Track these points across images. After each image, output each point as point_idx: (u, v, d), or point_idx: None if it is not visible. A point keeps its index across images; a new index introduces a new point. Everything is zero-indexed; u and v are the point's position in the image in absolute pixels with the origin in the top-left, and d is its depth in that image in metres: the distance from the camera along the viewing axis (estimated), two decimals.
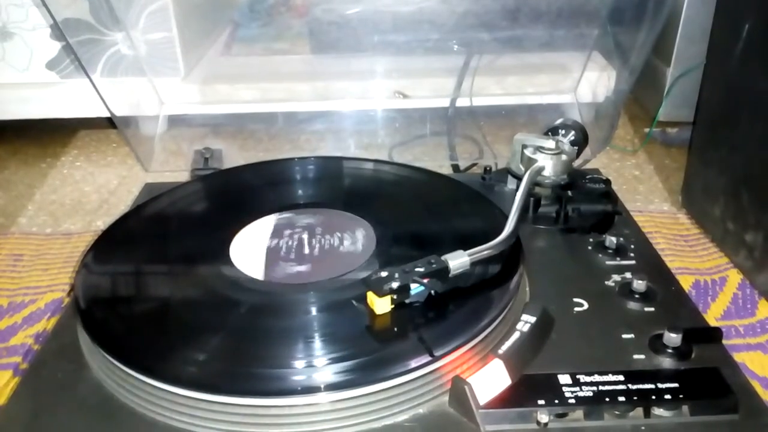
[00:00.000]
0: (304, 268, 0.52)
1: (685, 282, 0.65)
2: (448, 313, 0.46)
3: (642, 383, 0.41)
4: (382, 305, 0.45)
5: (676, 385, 0.41)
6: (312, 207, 0.61)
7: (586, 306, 0.49)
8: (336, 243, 0.55)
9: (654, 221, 0.77)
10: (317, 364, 0.42)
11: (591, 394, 0.40)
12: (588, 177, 0.63)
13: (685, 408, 0.40)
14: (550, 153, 0.62)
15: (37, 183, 0.92)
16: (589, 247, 0.56)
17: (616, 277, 0.52)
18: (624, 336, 0.46)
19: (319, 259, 0.53)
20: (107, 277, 0.52)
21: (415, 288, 0.45)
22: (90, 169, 0.95)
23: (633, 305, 0.49)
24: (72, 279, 0.66)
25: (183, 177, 0.75)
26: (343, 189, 0.68)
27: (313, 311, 0.47)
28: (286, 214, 0.60)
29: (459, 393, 0.39)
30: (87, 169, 0.95)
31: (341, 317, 0.47)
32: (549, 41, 0.85)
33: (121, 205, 0.85)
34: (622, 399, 0.40)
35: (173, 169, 0.81)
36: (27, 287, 0.68)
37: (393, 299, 0.45)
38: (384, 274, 0.45)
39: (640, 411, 0.40)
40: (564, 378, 0.41)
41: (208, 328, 0.46)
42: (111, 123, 0.96)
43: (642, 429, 0.39)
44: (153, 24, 0.85)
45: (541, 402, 0.39)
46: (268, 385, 0.41)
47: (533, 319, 0.44)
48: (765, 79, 0.63)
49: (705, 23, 0.76)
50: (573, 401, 0.40)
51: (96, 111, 0.89)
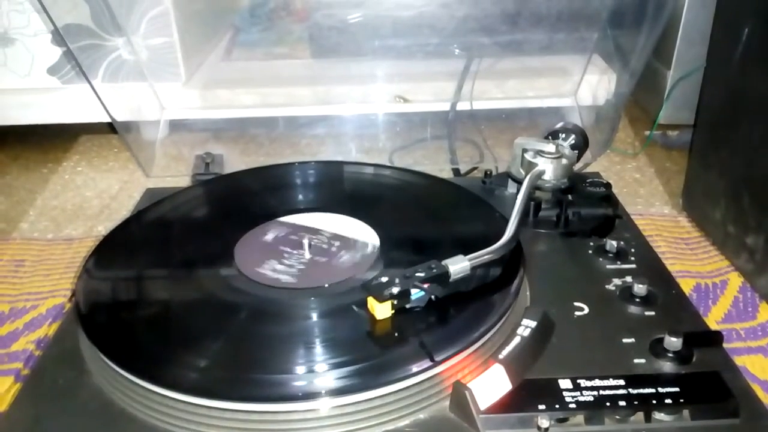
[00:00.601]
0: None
1: (686, 285, 0.65)
2: (448, 318, 0.46)
3: (643, 387, 0.41)
4: (382, 310, 0.45)
5: (676, 390, 0.41)
6: (313, 211, 0.61)
7: (586, 310, 0.49)
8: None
9: (655, 224, 0.77)
10: (318, 369, 0.42)
11: (592, 398, 0.40)
12: (588, 180, 0.63)
13: (686, 412, 0.40)
14: (550, 157, 0.62)
15: (39, 188, 0.92)
16: (590, 251, 0.56)
17: (616, 281, 0.52)
18: (625, 340, 0.45)
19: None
20: (108, 283, 0.53)
21: (416, 293, 0.46)
22: (91, 175, 0.95)
23: (634, 309, 0.49)
24: (73, 285, 0.66)
25: (184, 182, 0.75)
26: (344, 193, 0.68)
27: (314, 317, 0.47)
28: (287, 218, 0.60)
29: (459, 398, 0.39)
30: (88, 175, 0.95)
31: (342, 323, 0.47)
32: (549, 45, 0.85)
33: (123, 211, 0.85)
34: (622, 403, 0.40)
35: (174, 174, 0.81)
36: (28, 293, 0.68)
37: (393, 304, 0.45)
38: (384, 279, 0.45)
39: (641, 415, 0.40)
40: (564, 383, 0.41)
41: (208, 333, 0.46)
42: (112, 128, 0.97)
43: None
44: (154, 29, 0.85)
45: (542, 407, 0.39)
46: (268, 391, 0.40)
47: (534, 324, 0.44)
48: (765, 82, 0.63)
49: (705, 26, 0.76)
50: (574, 406, 0.40)
51: (97, 116, 0.89)
